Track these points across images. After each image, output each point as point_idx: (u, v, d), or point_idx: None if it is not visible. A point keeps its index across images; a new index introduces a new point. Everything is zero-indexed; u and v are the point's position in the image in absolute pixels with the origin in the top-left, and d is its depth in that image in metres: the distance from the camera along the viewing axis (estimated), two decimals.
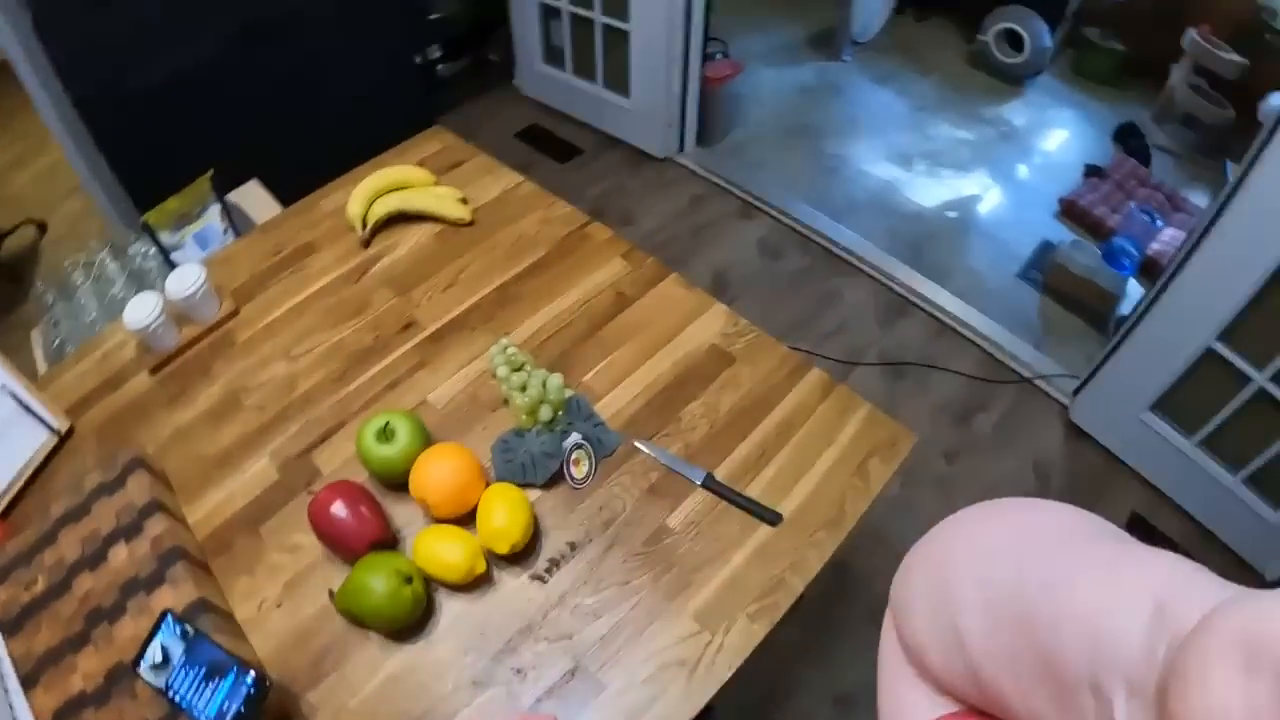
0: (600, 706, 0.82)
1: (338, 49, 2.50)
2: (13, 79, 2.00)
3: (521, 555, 0.93)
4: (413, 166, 1.37)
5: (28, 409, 1.15)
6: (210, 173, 1.43)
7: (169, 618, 0.85)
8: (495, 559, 0.92)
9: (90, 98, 1.98)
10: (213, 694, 0.80)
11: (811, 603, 1.02)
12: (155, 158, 1.89)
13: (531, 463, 0.99)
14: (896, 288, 2.51)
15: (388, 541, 0.95)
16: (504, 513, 0.90)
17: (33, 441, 1.15)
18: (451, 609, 0.91)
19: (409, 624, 0.89)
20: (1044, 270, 2.53)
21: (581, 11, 2.81)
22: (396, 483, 0.98)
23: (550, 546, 0.94)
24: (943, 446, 2.13)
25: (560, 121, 3.23)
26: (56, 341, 1.55)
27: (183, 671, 0.82)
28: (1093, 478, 2.06)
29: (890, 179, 2.93)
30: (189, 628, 0.84)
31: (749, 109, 3.20)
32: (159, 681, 0.82)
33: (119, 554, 0.94)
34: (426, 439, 0.99)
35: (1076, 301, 2.43)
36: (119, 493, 1.00)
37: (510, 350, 1.05)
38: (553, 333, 1.14)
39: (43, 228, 3.95)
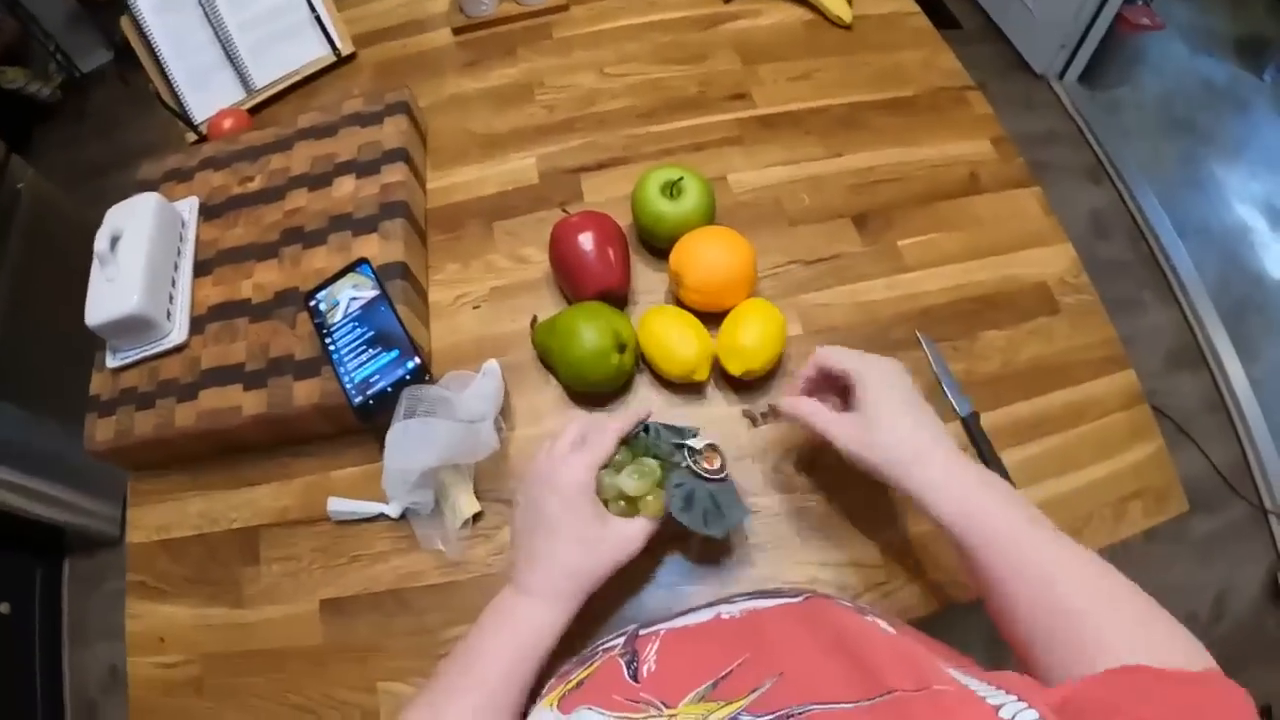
0: (735, 579, 0.72)
1: None
2: None
3: (747, 385, 0.81)
4: None
5: (319, 22, 1.12)
6: None
7: (365, 267, 0.79)
8: (720, 371, 0.80)
9: None
10: (368, 361, 0.74)
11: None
12: None
13: None
14: (1200, 338, 2.16)
15: (618, 298, 0.85)
16: (757, 334, 0.77)
17: (311, 53, 1.13)
18: (644, 396, 0.82)
19: (596, 392, 0.80)
20: None
21: None
22: (658, 246, 0.88)
23: (781, 392, 0.80)
24: None
25: None
26: None
27: (350, 325, 0.76)
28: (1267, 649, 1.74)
29: (1249, 227, 2.46)
30: (378, 286, 0.78)
31: (1145, 74, 2.75)
32: (320, 322, 0.77)
33: (344, 185, 0.89)
34: (711, 216, 0.87)
35: None
36: (372, 128, 0.94)
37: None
38: (885, 179, 0.96)
39: None
